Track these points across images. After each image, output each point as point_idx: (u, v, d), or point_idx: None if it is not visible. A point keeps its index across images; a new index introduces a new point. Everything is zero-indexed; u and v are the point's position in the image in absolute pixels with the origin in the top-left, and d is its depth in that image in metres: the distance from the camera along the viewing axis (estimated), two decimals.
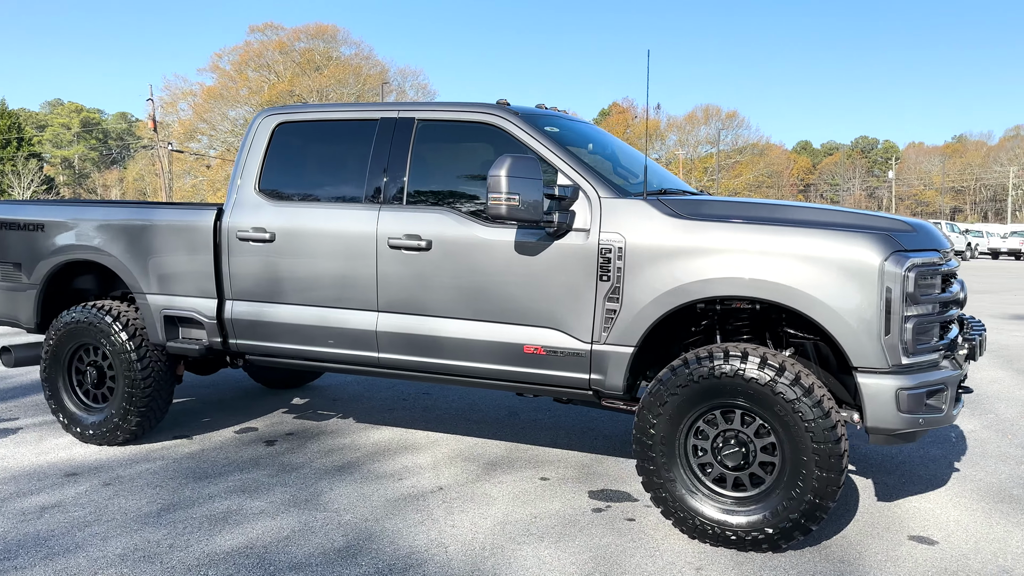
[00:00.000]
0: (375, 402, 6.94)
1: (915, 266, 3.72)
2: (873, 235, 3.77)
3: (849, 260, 3.74)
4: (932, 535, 4.19)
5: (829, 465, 3.74)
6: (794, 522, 3.82)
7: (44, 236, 5.69)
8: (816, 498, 3.77)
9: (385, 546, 4.00)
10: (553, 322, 4.32)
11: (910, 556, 3.94)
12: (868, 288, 3.71)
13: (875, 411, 3.74)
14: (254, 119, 5.27)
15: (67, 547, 3.96)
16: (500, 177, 3.97)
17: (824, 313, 3.75)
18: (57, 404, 5.72)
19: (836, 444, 3.73)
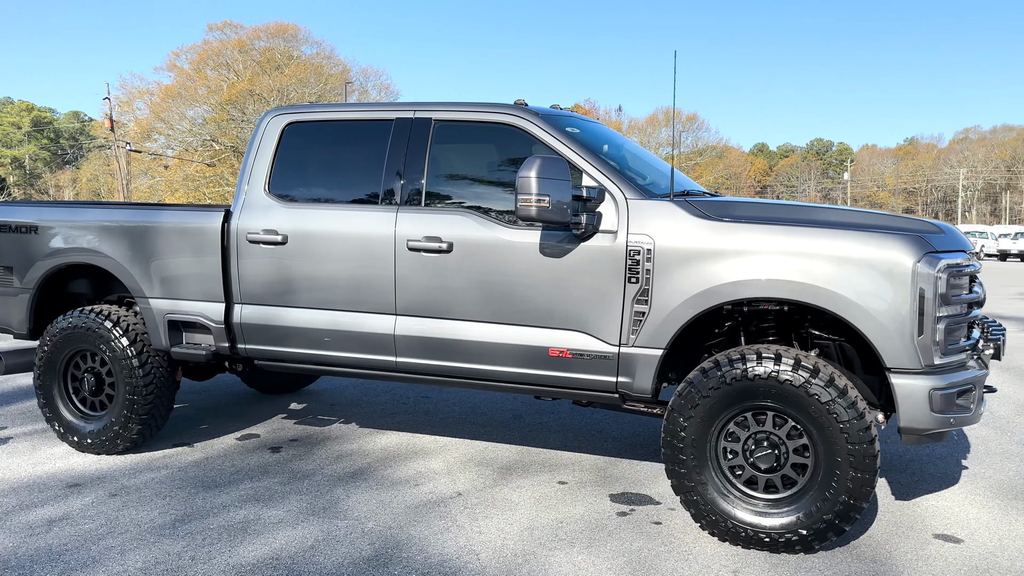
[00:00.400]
0: (375, 406, 6.83)
1: (947, 267, 3.75)
2: (906, 236, 3.79)
3: (883, 261, 3.75)
4: (956, 533, 4.24)
5: (864, 466, 3.75)
6: (828, 523, 3.83)
7: (38, 238, 5.50)
8: (850, 499, 3.78)
9: (415, 554, 3.93)
10: (579, 325, 4.28)
11: (939, 555, 3.97)
12: (902, 289, 3.73)
13: (908, 411, 3.76)
14: (262, 119, 5.15)
15: (84, 561, 3.82)
16: (530, 178, 3.92)
17: (858, 315, 3.77)
18: (52, 412, 5.54)
19: (871, 445, 3.75)
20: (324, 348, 4.86)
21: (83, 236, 5.36)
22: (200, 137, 70.52)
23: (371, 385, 7.59)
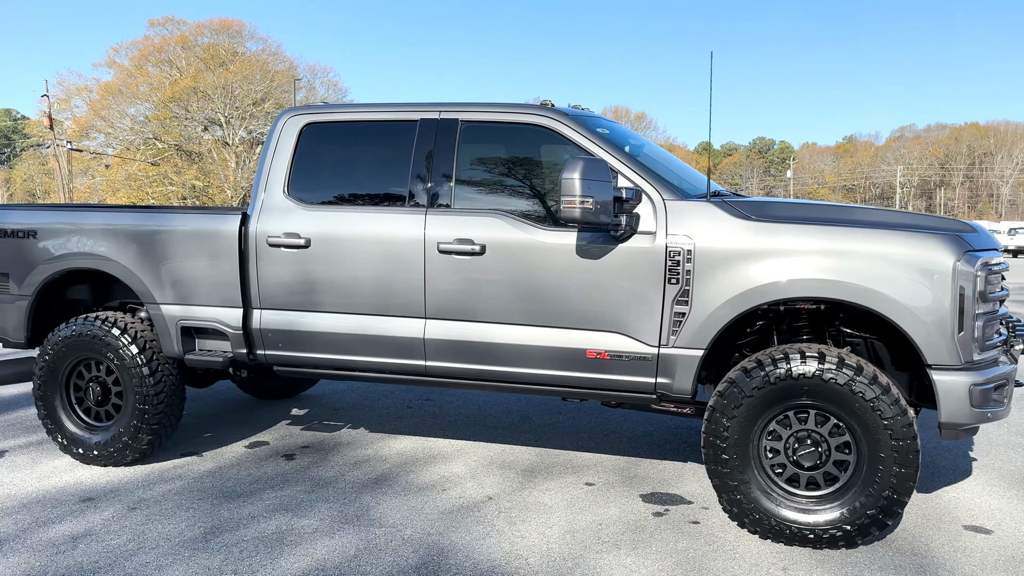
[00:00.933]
0: (379, 410, 6.74)
1: (984, 265, 3.85)
2: (946, 236, 3.87)
3: (924, 261, 3.83)
4: (984, 524, 4.35)
5: (907, 461, 3.82)
6: (872, 518, 3.89)
7: (37, 243, 5.29)
8: (894, 493, 3.85)
9: (462, 560, 3.88)
10: (617, 326, 4.28)
11: (974, 546, 4.07)
12: (942, 287, 3.80)
13: (949, 407, 3.84)
14: (277, 119, 5.03)
15: None
16: (574, 180, 3.90)
17: (901, 313, 3.83)
18: (54, 424, 5.33)
19: (914, 440, 3.82)
20: (350, 353, 4.77)
21: (87, 240, 5.17)
22: (142, 135, 68.87)
23: (371, 389, 7.49)
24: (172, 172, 66.63)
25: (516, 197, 4.59)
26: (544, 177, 4.66)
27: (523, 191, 4.62)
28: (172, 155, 68.71)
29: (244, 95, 70.55)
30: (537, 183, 4.63)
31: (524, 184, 4.66)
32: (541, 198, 4.54)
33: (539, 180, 4.64)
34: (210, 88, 69.79)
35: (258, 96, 71.48)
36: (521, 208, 4.51)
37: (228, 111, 70.92)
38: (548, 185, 4.59)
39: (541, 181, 4.65)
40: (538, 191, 4.58)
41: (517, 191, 4.64)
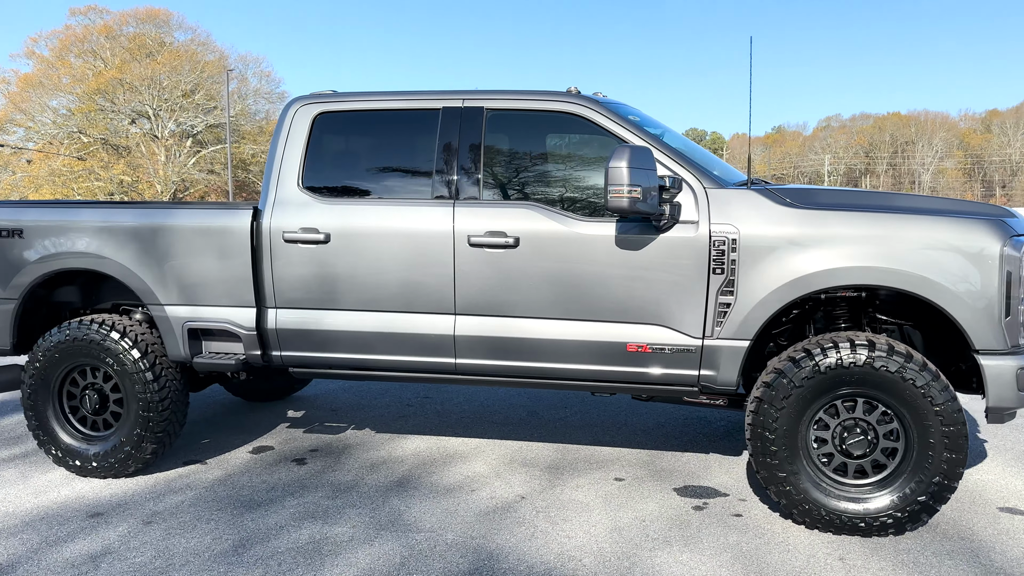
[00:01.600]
0: (379, 410, 6.54)
1: None
2: (991, 221, 3.88)
3: (971, 246, 3.83)
4: (1018, 506, 4.41)
5: (957, 446, 3.83)
6: (922, 504, 3.90)
7: (23, 243, 4.95)
8: (944, 479, 3.86)
9: (514, 564, 3.75)
10: (659, 318, 4.19)
11: (1015, 528, 4.12)
12: (990, 272, 3.81)
13: (997, 391, 3.86)
14: (286, 108, 4.79)
15: None
16: (622, 168, 3.79)
17: (949, 299, 3.83)
18: (47, 435, 5.01)
19: (963, 426, 3.83)
20: (374, 352, 4.58)
21: (81, 239, 4.85)
22: (66, 129, 66.29)
23: (366, 388, 7.27)
24: (99, 167, 64.33)
25: (548, 187, 4.46)
26: (576, 166, 4.54)
27: (555, 181, 4.49)
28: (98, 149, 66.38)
29: (173, 87, 68.46)
30: (569, 173, 4.51)
31: (556, 174, 4.54)
32: (575, 188, 4.42)
33: (571, 170, 4.52)
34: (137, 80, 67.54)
35: (188, 88, 69.48)
36: (555, 199, 4.38)
37: (156, 103, 68.75)
38: (581, 174, 4.47)
39: (573, 171, 4.53)
40: (571, 181, 4.46)
41: (549, 181, 4.50)
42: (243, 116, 72.05)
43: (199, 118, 70.69)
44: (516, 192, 4.47)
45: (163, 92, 68.84)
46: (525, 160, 4.66)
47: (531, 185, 4.49)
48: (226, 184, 74.52)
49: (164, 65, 68.30)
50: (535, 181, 4.52)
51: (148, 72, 67.92)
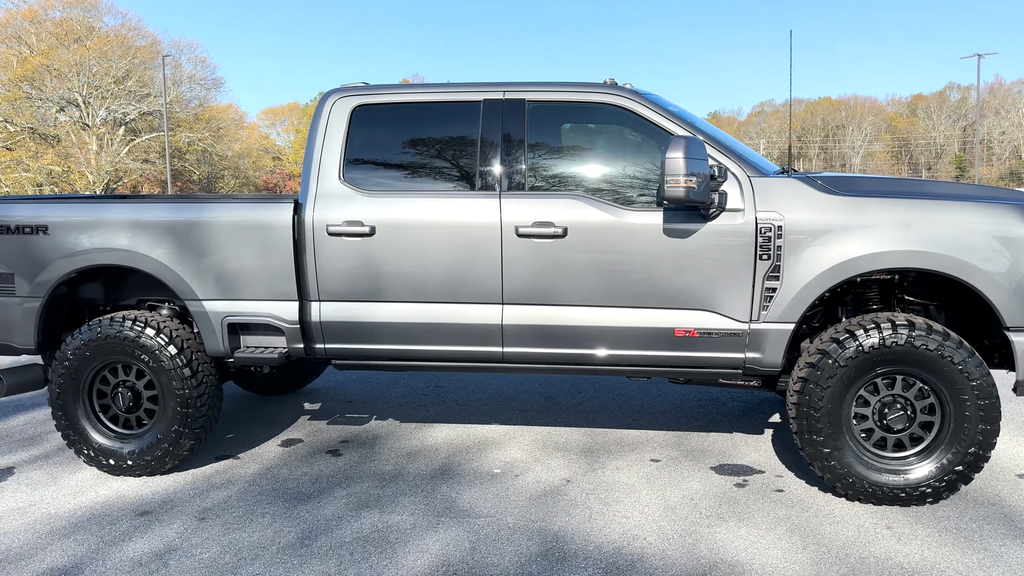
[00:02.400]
0: (395, 400, 6.58)
1: None
2: (1019, 206, 4.12)
3: (1002, 229, 4.07)
4: None
5: (992, 418, 4.08)
6: (959, 474, 4.14)
7: (50, 239, 4.85)
8: (979, 449, 4.10)
9: (582, 545, 3.87)
10: (706, 304, 4.33)
11: None
12: (1017, 253, 4.05)
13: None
14: (323, 101, 4.79)
15: None
16: (679, 159, 3.92)
17: (983, 280, 4.06)
18: (78, 435, 4.93)
19: (997, 399, 4.08)
20: (418, 343, 4.63)
21: (112, 235, 4.77)
22: None
23: (375, 379, 7.28)
24: (27, 157, 62.01)
25: (592, 178, 4.56)
26: (619, 157, 4.65)
27: (599, 172, 4.59)
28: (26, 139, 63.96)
29: (103, 73, 66.37)
30: (612, 163, 4.62)
31: (599, 164, 4.64)
32: (618, 178, 4.53)
33: (614, 160, 4.63)
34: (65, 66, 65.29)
35: (119, 74, 67.42)
36: (599, 189, 4.48)
37: (86, 91, 66.58)
38: (624, 165, 4.58)
39: (616, 161, 4.63)
40: (614, 171, 4.57)
41: (592, 172, 4.60)
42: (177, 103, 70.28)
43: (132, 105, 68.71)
44: (560, 183, 4.56)
45: (93, 79, 66.69)
46: (567, 151, 4.75)
47: (575, 176, 4.59)
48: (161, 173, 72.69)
49: (93, 51, 66.14)
50: (578, 172, 4.61)
51: (76, 58, 65.73)
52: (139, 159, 68.35)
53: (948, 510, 4.20)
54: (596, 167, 4.63)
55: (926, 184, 4.56)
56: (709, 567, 3.63)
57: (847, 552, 3.75)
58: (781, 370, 4.40)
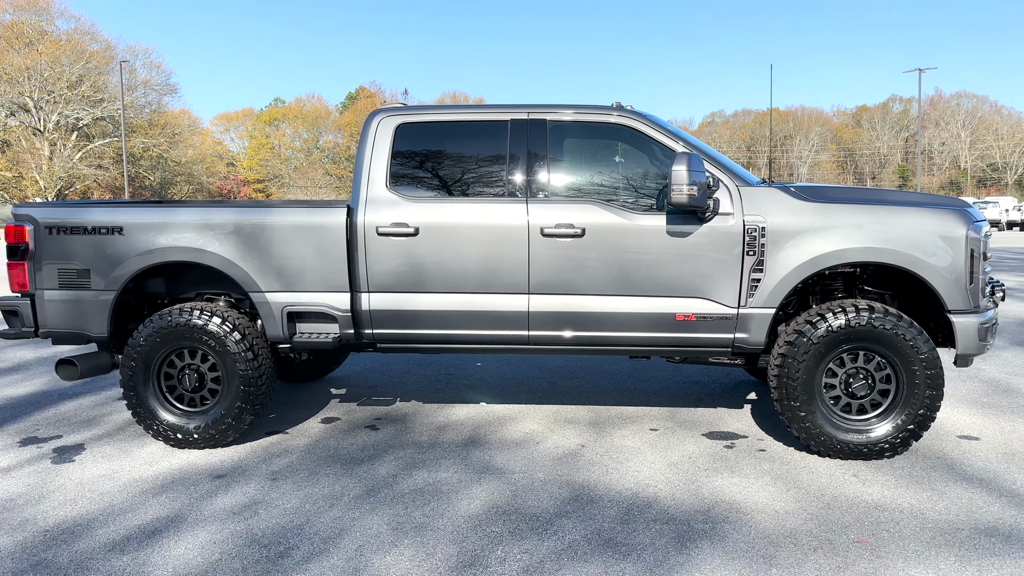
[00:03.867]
0: (413, 386, 7.30)
1: (986, 232, 5.04)
2: (958, 211, 5.03)
3: (944, 230, 4.97)
4: (971, 434, 5.63)
5: (936, 384, 4.97)
6: (911, 432, 5.02)
7: (123, 239, 5.49)
8: (928, 411, 4.99)
9: (605, 491, 4.66)
10: (701, 292, 5.16)
11: (975, 448, 5.31)
12: (957, 250, 4.96)
13: (964, 342, 5.02)
14: (370, 120, 5.52)
15: (333, 529, 4.18)
16: (683, 171, 4.75)
17: (929, 271, 4.96)
18: (147, 413, 5.56)
19: (941, 369, 4.97)
20: (457, 328, 5.38)
21: (183, 235, 5.43)
22: None
23: (391, 369, 7.98)
24: None
25: (606, 187, 5.36)
26: (629, 169, 5.46)
27: (610, 181, 5.40)
28: None
29: (56, 78, 65.61)
30: (622, 174, 5.43)
31: (611, 175, 5.45)
32: (628, 187, 5.34)
33: (625, 172, 5.44)
34: (15, 70, 64.39)
35: (73, 79, 66.69)
36: (611, 196, 5.29)
37: (38, 95, 65.73)
38: (632, 176, 5.40)
39: (625, 173, 5.45)
40: (624, 181, 5.38)
41: (605, 181, 5.41)
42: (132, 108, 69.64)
43: (85, 111, 67.96)
44: (577, 191, 5.36)
45: (45, 84, 65.83)
46: (585, 164, 5.55)
47: (590, 185, 5.39)
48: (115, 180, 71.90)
49: (45, 55, 65.29)
50: (593, 181, 5.42)
51: (27, 62, 64.85)
52: (92, 165, 67.57)
53: (903, 462, 5.09)
54: (608, 177, 5.45)
55: (883, 192, 5.45)
56: (711, 505, 4.45)
57: (822, 493, 4.60)
58: (763, 349, 5.24)
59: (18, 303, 5.68)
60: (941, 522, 4.18)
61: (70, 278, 5.57)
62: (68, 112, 67.45)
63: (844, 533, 4.06)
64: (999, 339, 9.14)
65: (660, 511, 4.37)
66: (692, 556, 3.83)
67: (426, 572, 3.71)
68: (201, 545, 4.04)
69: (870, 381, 5.07)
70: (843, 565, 3.71)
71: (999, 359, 8.12)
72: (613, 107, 5.44)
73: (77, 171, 66.75)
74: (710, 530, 4.11)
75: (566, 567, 3.73)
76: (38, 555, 3.97)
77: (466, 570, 3.72)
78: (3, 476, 5.10)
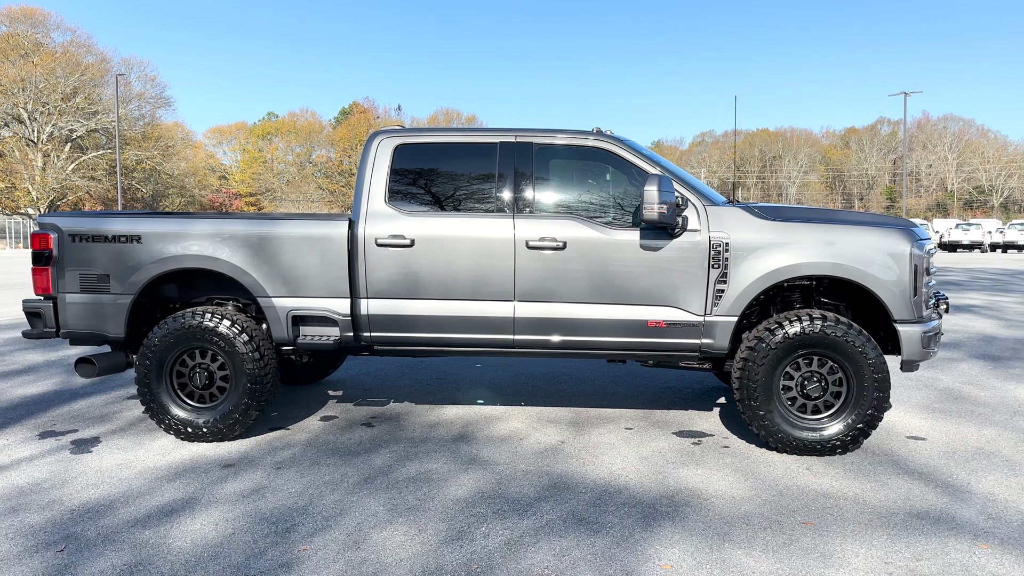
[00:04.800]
0: (405, 389, 7.77)
1: (928, 250, 5.58)
2: (904, 229, 5.56)
3: (891, 247, 5.50)
4: (918, 435, 6.13)
5: (883, 387, 5.48)
6: (860, 430, 5.52)
7: (142, 247, 5.95)
8: (875, 411, 5.50)
9: (581, 480, 5.14)
10: (671, 301, 5.67)
11: (920, 447, 5.82)
12: (903, 265, 5.49)
13: (909, 349, 5.54)
14: (371, 140, 6.03)
15: (334, 509, 4.64)
16: (655, 191, 5.26)
17: (877, 284, 5.48)
18: (159, 408, 6.00)
19: (887, 372, 5.48)
20: (448, 332, 5.86)
21: (197, 244, 5.91)
22: None
23: (384, 373, 8.45)
24: None
25: (586, 204, 5.88)
26: (606, 188, 5.98)
27: (591, 199, 5.91)
28: None
29: (51, 89, 66.07)
30: (602, 193, 5.94)
31: (591, 194, 5.96)
32: (606, 205, 5.86)
33: (603, 191, 5.96)
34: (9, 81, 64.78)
35: (67, 91, 67.15)
36: (591, 213, 5.80)
37: (32, 106, 66.11)
38: (609, 195, 5.91)
39: (605, 192, 5.96)
40: (603, 199, 5.89)
41: (586, 200, 5.92)
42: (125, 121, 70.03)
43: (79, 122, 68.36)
44: (560, 208, 5.86)
45: (40, 95, 66.24)
46: (567, 184, 6.07)
47: (571, 202, 5.90)
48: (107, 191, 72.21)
49: (40, 67, 65.73)
50: (574, 199, 5.93)
51: (23, 74, 65.26)
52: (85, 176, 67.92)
53: (853, 457, 5.59)
54: (588, 195, 5.96)
55: (836, 212, 5.98)
56: (676, 492, 4.94)
57: (776, 483, 5.10)
58: (727, 355, 5.74)
59: (41, 305, 6.13)
60: (880, 508, 4.67)
61: (91, 282, 6.03)
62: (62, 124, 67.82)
63: (792, 516, 4.54)
64: (958, 351, 9.69)
65: (629, 496, 4.85)
66: (655, 533, 4.31)
67: (419, 544, 4.18)
68: (215, 522, 4.50)
69: (823, 384, 5.58)
70: (788, 541, 4.20)
71: (956, 370, 8.65)
72: (593, 132, 5.96)
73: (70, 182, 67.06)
74: (673, 512, 4.60)
75: (543, 541, 4.21)
76: (68, 529, 4.41)
77: (454, 543, 4.19)
78: (27, 464, 5.54)
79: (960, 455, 5.65)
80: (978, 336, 11.15)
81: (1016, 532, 4.31)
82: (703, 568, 3.89)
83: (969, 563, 3.95)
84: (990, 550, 4.09)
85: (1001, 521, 4.47)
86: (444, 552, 4.09)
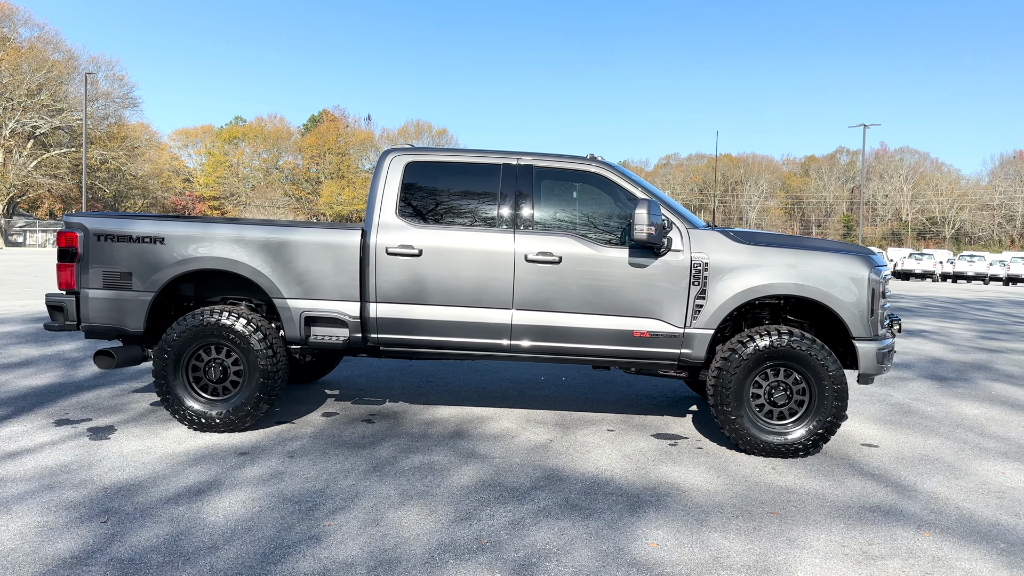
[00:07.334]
0: (399, 390, 8.25)
1: (884, 275, 6.24)
2: (863, 256, 6.22)
3: (852, 271, 6.14)
4: (871, 442, 6.78)
5: (842, 396, 6.10)
6: (821, 435, 6.14)
7: (165, 248, 6.38)
8: (834, 418, 6.12)
9: (571, 474, 5.67)
10: (655, 314, 6.25)
11: (873, 452, 6.45)
12: (862, 288, 6.14)
13: (866, 363, 6.18)
14: (383, 157, 6.54)
15: (350, 493, 5.11)
16: (644, 214, 5.85)
17: (838, 304, 6.12)
18: (175, 399, 6.41)
19: (845, 383, 6.12)
20: (450, 336, 6.37)
21: (218, 247, 6.35)
22: None
23: (378, 374, 8.91)
24: None
25: (581, 223, 6.44)
26: (599, 209, 6.55)
27: (586, 219, 6.48)
28: None
29: (16, 84, 65.27)
30: (595, 213, 6.51)
31: (585, 214, 6.53)
32: (599, 224, 6.43)
33: (596, 211, 6.53)
34: None
35: (33, 86, 66.40)
36: (585, 231, 6.37)
37: None
38: (602, 215, 6.49)
39: (598, 212, 6.54)
40: (596, 219, 6.47)
41: (581, 219, 6.49)
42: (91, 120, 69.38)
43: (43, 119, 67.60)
44: (557, 225, 6.42)
45: (4, 90, 65.42)
46: (564, 203, 6.63)
47: (567, 221, 6.47)
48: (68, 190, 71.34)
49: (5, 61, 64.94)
50: (570, 218, 6.49)
51: None
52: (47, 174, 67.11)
53: (814, 460, 6.20)
54: (582, 215, 6.53)
55: (804, 239, 6.63)
56: (657, 484, 5.50)
57: (745, 480, 5.68)
58: (703, 364, 6.33)
59: (64, 299, 6.52)
60: (838, 502, 5.27)
61: (113, 279, 6.44)
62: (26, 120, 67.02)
63: (760, 507, 5.12)
64: (909, 371, 10.43)
65: (616, 487, 5.39)
66: (641, 517, 4.85)
67: (432, 523, 4.68)
68: (242, 501, 4.94)
69: (789, 392, 6.19)
70: (757, 527, 4.77)
71: (907, 387, 9.37)
72: (588, 158, 6.54)
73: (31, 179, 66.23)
74: (656, 501, 5.15)
75: (542, 522, 4.73)
76: (105, 504, 4.83)
77: (463, 522, 4.70)
78: (51, 448, 5.91)
79: (908, 460, 6.30)
80: (927, 358, 11.93)
81: (954, 523, 4.94)
82: (684, 547, 4.44)
83: (914, 547, 4.55)
84: (932, 537, 4.70)
85: (942, 515, 5.09)
86: (455, 529, 4.58)
